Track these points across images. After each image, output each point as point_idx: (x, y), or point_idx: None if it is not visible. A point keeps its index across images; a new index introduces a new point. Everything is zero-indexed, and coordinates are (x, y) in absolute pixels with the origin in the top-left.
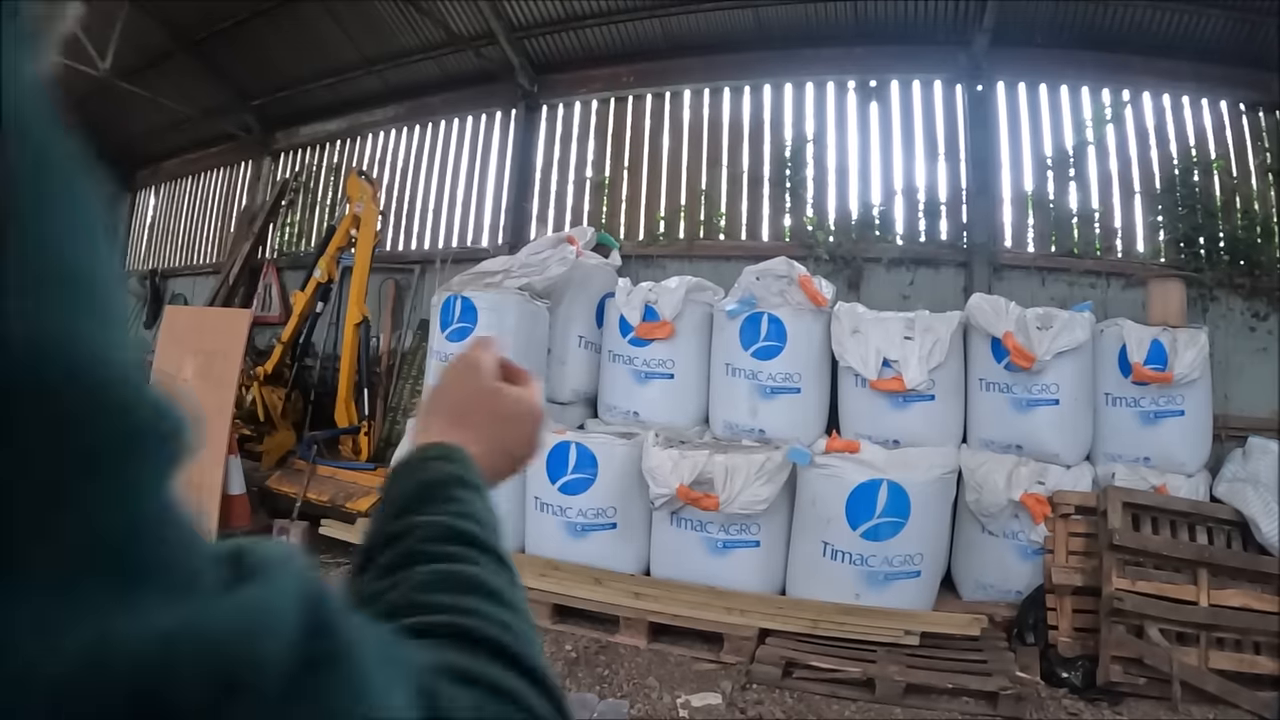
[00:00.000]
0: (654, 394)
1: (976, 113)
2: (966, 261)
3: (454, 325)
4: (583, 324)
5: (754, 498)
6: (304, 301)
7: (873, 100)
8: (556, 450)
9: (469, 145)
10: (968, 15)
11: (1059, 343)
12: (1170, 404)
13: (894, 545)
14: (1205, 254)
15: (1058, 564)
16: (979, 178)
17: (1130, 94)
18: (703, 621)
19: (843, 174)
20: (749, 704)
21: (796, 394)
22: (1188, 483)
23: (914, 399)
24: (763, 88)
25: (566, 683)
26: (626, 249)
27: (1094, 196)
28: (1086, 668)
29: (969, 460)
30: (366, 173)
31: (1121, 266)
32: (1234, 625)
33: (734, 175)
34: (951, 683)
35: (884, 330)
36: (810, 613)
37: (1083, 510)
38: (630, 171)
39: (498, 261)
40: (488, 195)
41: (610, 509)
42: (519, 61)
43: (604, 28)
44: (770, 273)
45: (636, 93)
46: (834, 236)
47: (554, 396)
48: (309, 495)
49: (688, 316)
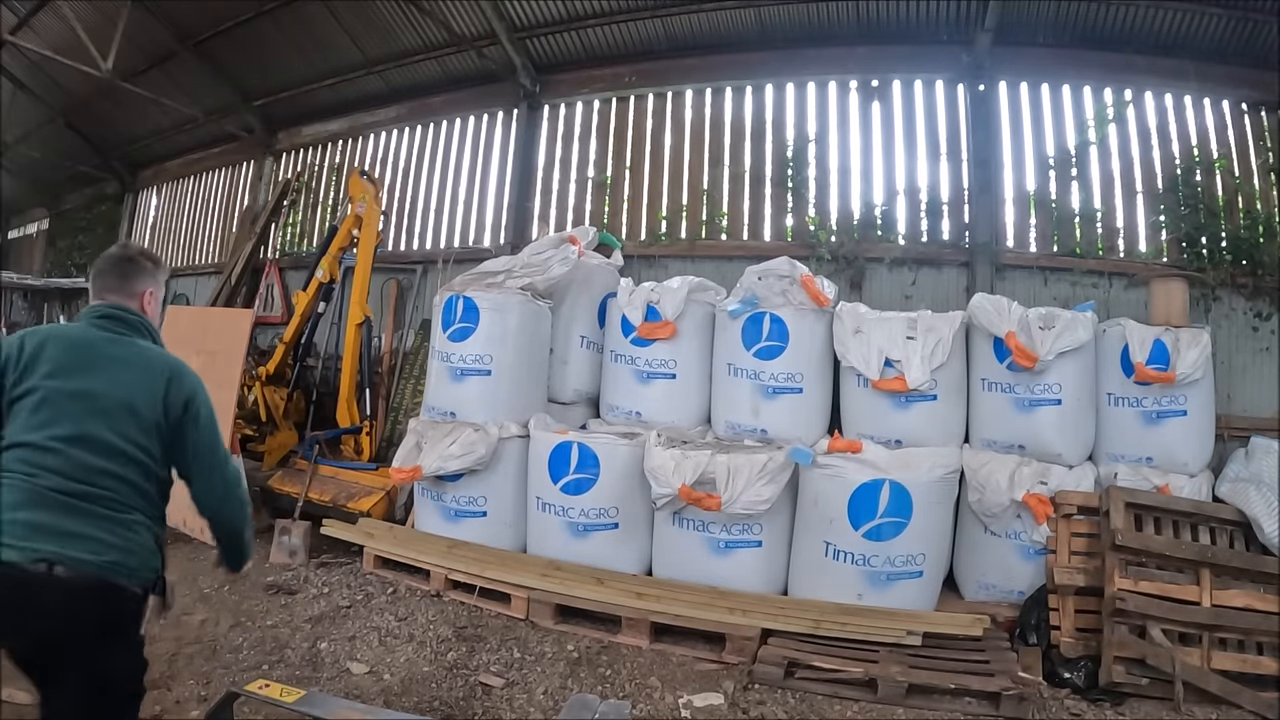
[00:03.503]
0: (656, 394)
1: (979, 112)
2: (969, 261)
3: (456, 325)
4: (585, 324)
5: (756, 498)
6: (306, 302)
7: (875, 100)
8: (559, 450)
9: (471, 145)
10: (970, 15)
11: (1061, 342)
12: (1173, 404)
13: (896, 545)
14: (1208, 254)
15: (1060, 564)
16: (981, 177)
17: (1132, 93)
18: (705, 622)
19: (845, 174)
20: (751, 704)
21: (799, 394)
22: (1190, 483)
23: (916, 399)
24: (765, 87)
25: (569, 683)
26: (628, 249)
27: (1096, 196)
28: (1089, 668)
29: (971, 460)
30: (369, 173)
31: (1124, 266)
32: (1236, 626)
33: (736, 175)
34: (954, 683)
35: (886, 330)
36: (812, 613)
37: (1085, 510)
38: (632, 171)
39: (500, 261)
40: (489, 195)
41: (612, 509)
42: (521, 61)
43: (606, 28)
44: (772, 272)
45: (638, 92)
46: (836, 236)
47: (556, 397)
48: (311, 495)
49: (690, 316)
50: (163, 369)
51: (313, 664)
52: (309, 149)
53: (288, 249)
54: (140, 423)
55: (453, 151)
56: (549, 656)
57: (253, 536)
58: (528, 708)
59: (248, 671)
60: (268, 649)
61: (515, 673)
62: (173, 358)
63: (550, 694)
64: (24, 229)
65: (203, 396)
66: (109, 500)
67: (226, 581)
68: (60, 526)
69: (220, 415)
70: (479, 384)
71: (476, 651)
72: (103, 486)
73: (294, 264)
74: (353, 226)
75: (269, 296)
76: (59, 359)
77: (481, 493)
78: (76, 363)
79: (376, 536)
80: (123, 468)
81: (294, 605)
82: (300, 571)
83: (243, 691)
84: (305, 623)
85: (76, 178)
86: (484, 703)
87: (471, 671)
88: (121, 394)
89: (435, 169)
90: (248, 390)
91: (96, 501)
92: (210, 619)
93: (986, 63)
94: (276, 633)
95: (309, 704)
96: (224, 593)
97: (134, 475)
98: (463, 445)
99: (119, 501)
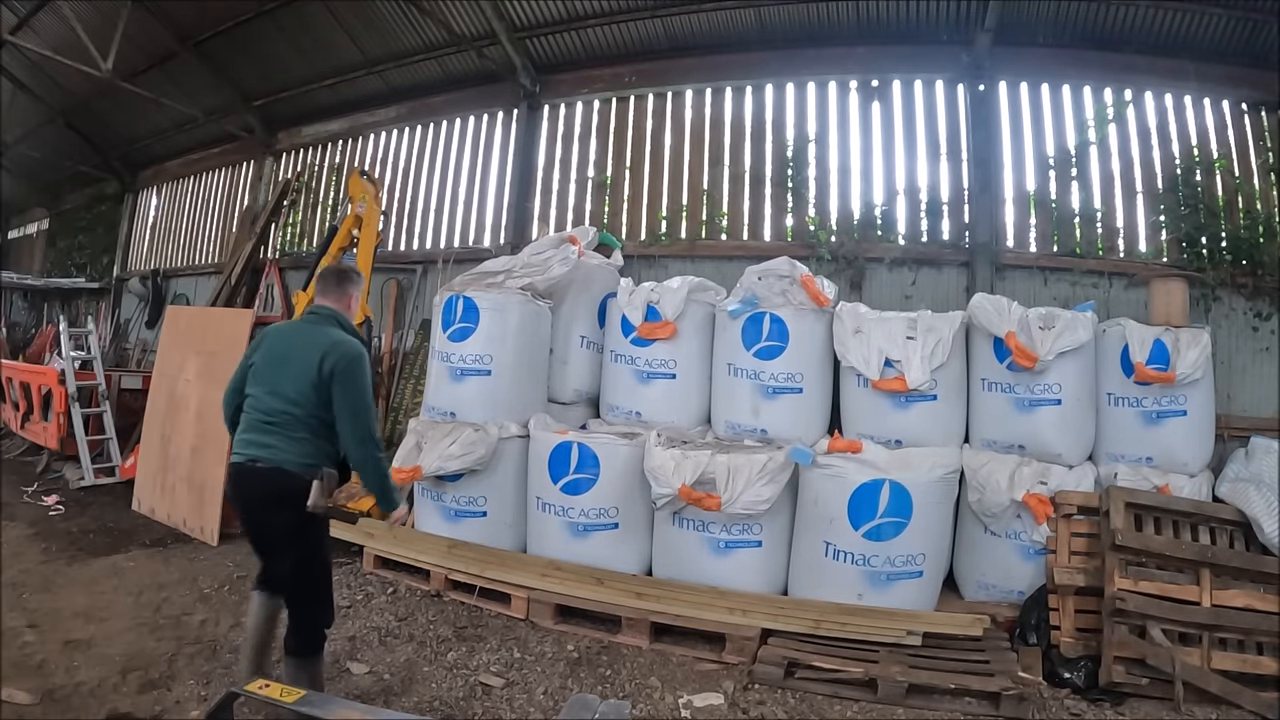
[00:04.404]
0: (656, 394)
1: (979, 112)
2: (969, 261)
3: (456, 325)
4: (585, 324)
5: (756, 498)
6: (306, 302)
7: (875, 100)
8: (559, 450)
9: (471, 145)
10: (970, 15)
11: (1061, 342)
12: (1173, 404)
13: (896, 545)
14: (1208, 254)
15: (1060, 564)
16: (981, 177)
17: (1132, 93)
18: (705, 622)
19: (845, 174)
20: (751, 704)
21: (799, 394)
22: (1190, 483)
23: (916, 399)
24: (765, 87)
25: (569, 683)
26: (628, 249)
27: (1096, 196)
28: (1089, 668)
29: (971, 460)
30: (369, 173)
31: (1124, 266)
32: (1236, 626)
33: (736, 175)
34: (954, 683)
35: (886, 330)
36: (812, 613)
37: (1085, 510)
38: (632, 171)
39: (500, 261)
40: (489, 195)
41: (612, 509)
42: (521, 61)
43: (606, 28)
44: (772, 273)
45: (638, 92)
46: (836, 236)
47: (556, 397)
48: None
49: (690, 316)
50: (325, 347)
51: None
52: (309, 149)
53: (288, 249)
54: (308, 380)
55: (453, 151)
56: (549, 656)
57: (396, 488)
58: (528, 708)
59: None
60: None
61: (515, 673)
62: (339, 339)
63: (550, 694)
64: (24, 229)
65: (345, 367)
66: (284, 425)
67: (226, 581)
68: (259, 441)
69: (220, 415)
70: (479, 384)
71: (476, 651)
72: (281, 417)
73: (294, 264)
74: (353, 226)
75: (269, 296)
76: (271, 343)
77: (481, 493)
78: (281, 344)
79: (376, 536)
80: (294, 407)
81: None
82: None
83: (243, 691)
84: None
85: (76, 178)
86: (484, 703)
87: (471, 671)
88: (300, 363)
89: (435, 169)
90: None
91: (278, 425)
92: (210, 619)
93: (986, 63)
94: (277, 632)
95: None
96: (224, 593)
97: (300, 412)
98: (463, 445)
99: (290, 425)
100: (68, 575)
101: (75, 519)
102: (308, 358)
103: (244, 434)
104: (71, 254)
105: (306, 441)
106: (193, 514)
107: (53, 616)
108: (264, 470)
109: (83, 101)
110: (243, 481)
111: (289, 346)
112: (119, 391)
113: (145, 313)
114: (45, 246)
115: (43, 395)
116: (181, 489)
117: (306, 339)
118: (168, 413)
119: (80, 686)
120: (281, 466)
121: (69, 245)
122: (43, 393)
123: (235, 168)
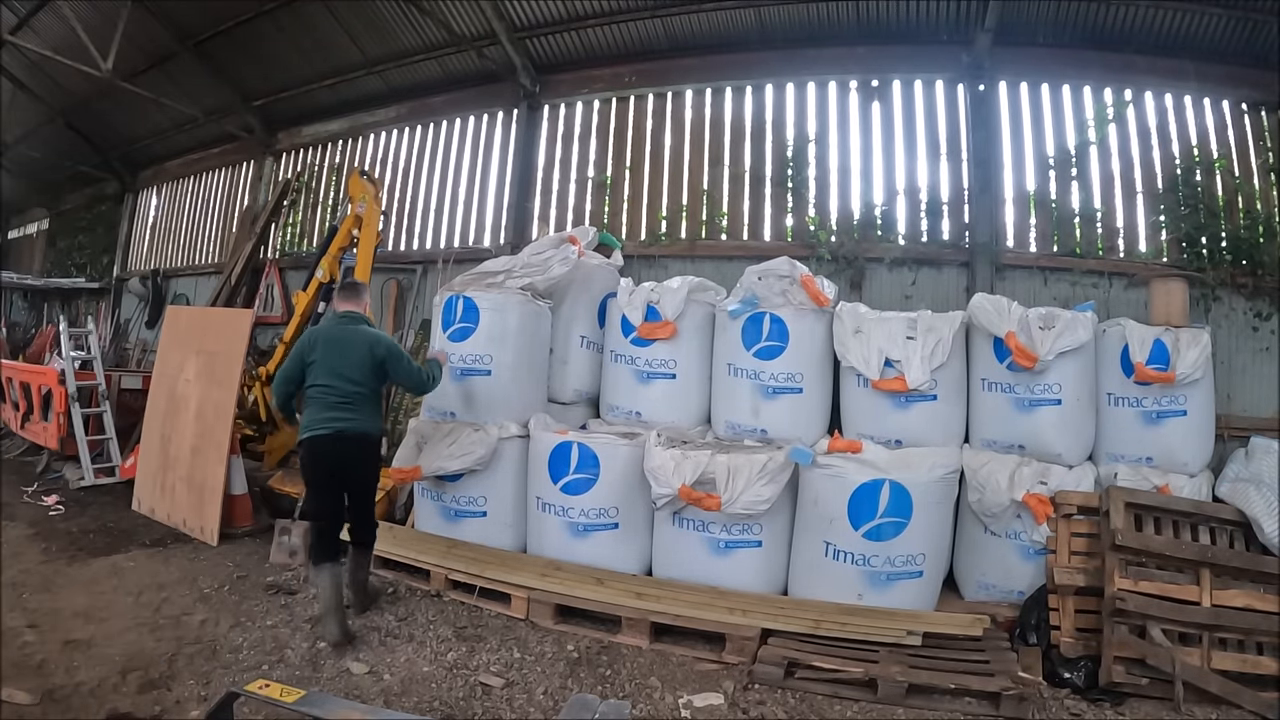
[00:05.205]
0: (656, 394)
1: (978, 112)
2: (969, 261)
3: (456, 325)
4: (585, 324)
5: (756, 498)
6: (306, 302)
7: (875, 100)
8: (559, 450)
9: (471, 145)
10: (970, 15)
11: (1061, 342)
12: (1173, 404)
13: (896, 545)
14: (1207, 254)
15: (1060, 564)
16: (981, 177)
17: (1132, 93)
18: (705, 622)
19: (845, 174)
20: (751, 704)
21: (799, 394)
22: (1190, 483)
23: (916, 399)
24: (765, 87)
25: (568, 683)
26: (628, 249)
27: (1096, 196)
28: (1089, 668)
29: (971, 460)
30: (369, 173)
31: (1124, 266)
32: (1236, 626)
33: (736, 175)
34: (954, 683)
35: (886, 330)
36: (812, 613)
37: (1085, 510)
38: (632, 171)
39: (500, 261)
40: (489, 195)
41: (612, 509)
42: (521, 61)
43: (606, 28)
44: (772, 273)
45: (638, 92)
46: (836, 236)
47: (556, 397)
48: None
49: (690, 316)
50: (372, 340)
51: (313, 664)
52: (309, 149)
53: (288, 249)
54: (368, 365)
55: (453, 151)
56: (549, 656)
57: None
58: (528, 708)
59: (248, 671)
60: (268, 649)
61: (515, 673)
62: (377, 333)
63: (550, 694)
64: (24, 229)
65: (391, 349)
66: (357, 401)
67: (226, 581)
68: (340, 416)
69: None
70: (479, 384)
71: (476, 651)
72: (352, 395)
73: (294, 264)
74: (353, 226)
75: (269, 296)
76: (325, 343)
77: (481, 493)
78: (333, 342)
79: (377, 537)
80: (359, 386)
81: (294, 605)
82: (300, 571)
83: (243, 691)
84: (305, 623)
85: (76, 178)
86: (484, 703)
87: (471, 671)
88: (355, 353)
89: (435, 169)
90: (248, 390)
91: (352, 403)
92: (210, 619)
93: (986, 63)
94: (276, 633)
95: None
96: (224, 593)
97: (366, 390)
98: (462, 445)
99: (361, 401)
100: (68, 575)
101: (75, 519)
102: (361, 350)
103: (322, 413)
104: (71, 254)
105: (375, 411)
106: (193, 514)
107: (53, 616)
108: (352, 435)
109: (83, 101)
110: (332, 447)
111: (343, 344)
112: (119, 391)
113: (145, 313)
114: (45, 246)
115: (43, 395)
116: (181, 489)
117: (355, 337)
118: (168, 413)
119: (80, 686)
120: (366, 431)
121: (69, 245)
122: (43, 393)
123: (235, 168)
